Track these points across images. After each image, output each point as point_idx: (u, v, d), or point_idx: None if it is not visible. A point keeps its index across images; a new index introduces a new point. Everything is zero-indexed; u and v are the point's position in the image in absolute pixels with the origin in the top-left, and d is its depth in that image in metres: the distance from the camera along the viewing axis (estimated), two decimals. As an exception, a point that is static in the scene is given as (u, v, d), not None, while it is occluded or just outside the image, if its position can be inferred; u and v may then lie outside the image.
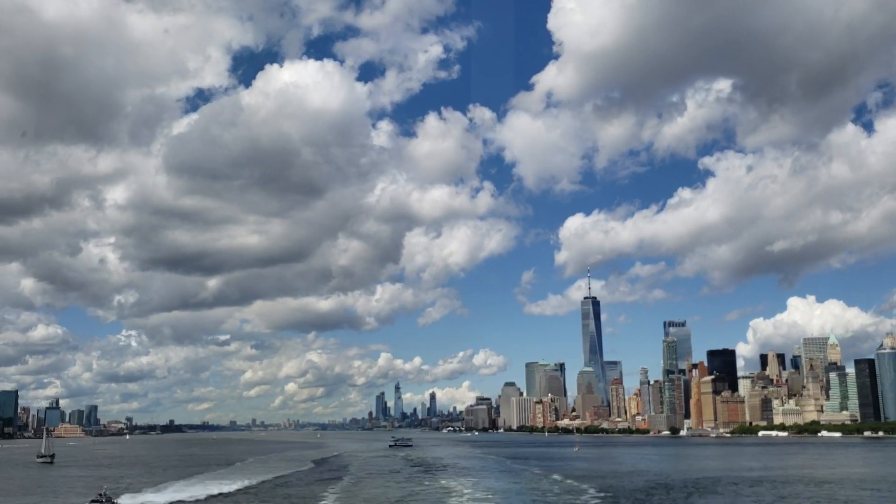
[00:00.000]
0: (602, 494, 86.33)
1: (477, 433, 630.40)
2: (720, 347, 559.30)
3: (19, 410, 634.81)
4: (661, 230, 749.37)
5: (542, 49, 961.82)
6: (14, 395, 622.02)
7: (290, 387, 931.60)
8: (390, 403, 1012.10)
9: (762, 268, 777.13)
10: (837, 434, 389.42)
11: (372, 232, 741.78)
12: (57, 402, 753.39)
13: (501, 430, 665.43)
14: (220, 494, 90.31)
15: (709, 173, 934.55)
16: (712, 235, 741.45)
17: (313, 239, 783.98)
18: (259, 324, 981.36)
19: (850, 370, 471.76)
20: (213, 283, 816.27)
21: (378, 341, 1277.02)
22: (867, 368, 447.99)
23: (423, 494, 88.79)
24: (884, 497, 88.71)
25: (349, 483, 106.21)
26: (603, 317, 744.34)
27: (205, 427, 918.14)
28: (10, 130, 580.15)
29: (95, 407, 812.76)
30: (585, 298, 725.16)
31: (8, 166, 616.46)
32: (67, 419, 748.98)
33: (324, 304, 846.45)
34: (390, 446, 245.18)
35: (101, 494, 76.95)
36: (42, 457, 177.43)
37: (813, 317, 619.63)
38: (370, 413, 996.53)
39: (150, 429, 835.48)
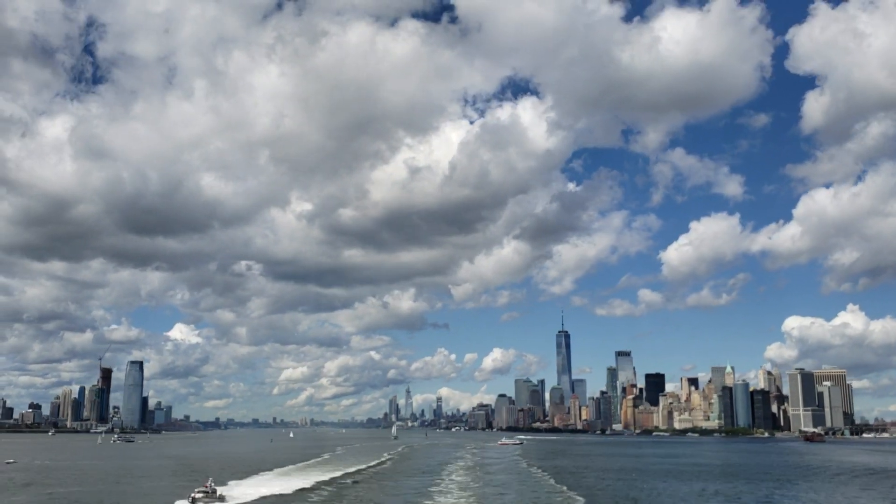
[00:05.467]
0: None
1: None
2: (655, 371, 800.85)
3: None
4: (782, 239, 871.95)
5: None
6: (144, 400, 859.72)
7: (323, 382, 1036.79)
8: (402, 402, 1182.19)
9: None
10: (697, 434, 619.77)
11: (509, 252, 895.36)
12: (160, 404, 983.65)
13: (495, 430, 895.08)
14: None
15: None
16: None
17: (461, 258, 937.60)
18: (346, 325, 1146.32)
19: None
20: (321, 291, 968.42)
21: (441, 342, 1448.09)
22: (729, 392, 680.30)
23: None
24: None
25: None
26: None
27: (232, 424, 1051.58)
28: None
29: (171, 406, 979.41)
30: (559, 332, 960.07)
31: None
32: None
33: (413, 305, 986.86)
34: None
35: (207, 486, 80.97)
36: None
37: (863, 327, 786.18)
38: (385, 413, 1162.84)
39: (210, 425, 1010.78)
